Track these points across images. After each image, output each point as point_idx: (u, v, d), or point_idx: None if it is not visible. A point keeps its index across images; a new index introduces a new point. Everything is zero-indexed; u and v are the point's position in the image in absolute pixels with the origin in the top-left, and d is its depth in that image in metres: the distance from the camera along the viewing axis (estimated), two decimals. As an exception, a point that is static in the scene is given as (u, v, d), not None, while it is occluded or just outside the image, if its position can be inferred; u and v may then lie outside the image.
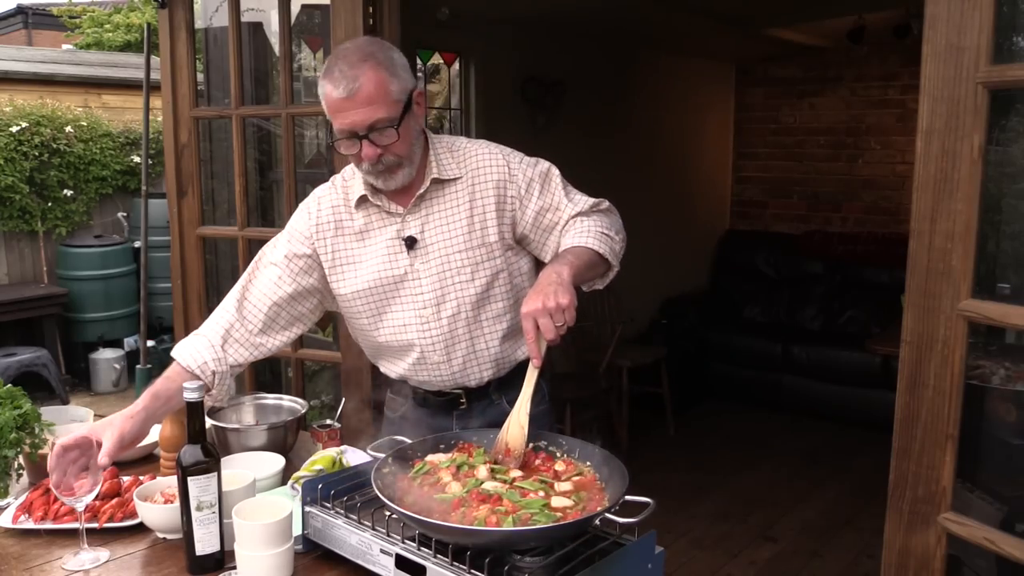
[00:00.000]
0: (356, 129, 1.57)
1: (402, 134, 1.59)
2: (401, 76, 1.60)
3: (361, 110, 1.56)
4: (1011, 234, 1.65)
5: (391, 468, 1.45)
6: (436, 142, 1.74)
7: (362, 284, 1.73)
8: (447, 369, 1.76)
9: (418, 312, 1.72)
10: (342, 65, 1.56)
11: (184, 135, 2.81)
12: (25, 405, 1.74)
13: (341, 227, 1.75)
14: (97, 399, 5.53)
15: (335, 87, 1.56)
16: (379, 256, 1.72)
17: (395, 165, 1.63)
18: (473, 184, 1.71)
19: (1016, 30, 1.47)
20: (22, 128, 5.47)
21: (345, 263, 1.75)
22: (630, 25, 4.96)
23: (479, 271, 1.70)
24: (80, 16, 10.67)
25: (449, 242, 1.69)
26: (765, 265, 6.30)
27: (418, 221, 1.70)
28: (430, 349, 1.74)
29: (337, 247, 1.75)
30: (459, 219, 1.70)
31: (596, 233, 1.66)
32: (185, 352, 1.71)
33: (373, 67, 1.56)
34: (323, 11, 3.06)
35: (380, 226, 1.73)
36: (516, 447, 1.46)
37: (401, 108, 1.59)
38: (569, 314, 1.44)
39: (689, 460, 4.73)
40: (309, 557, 1.45)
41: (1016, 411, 1.77)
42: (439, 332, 1.72)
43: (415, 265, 1.71)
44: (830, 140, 6.21)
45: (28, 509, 1.62)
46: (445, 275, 1.70)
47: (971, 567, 1.65)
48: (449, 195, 1.71)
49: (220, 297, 1.82)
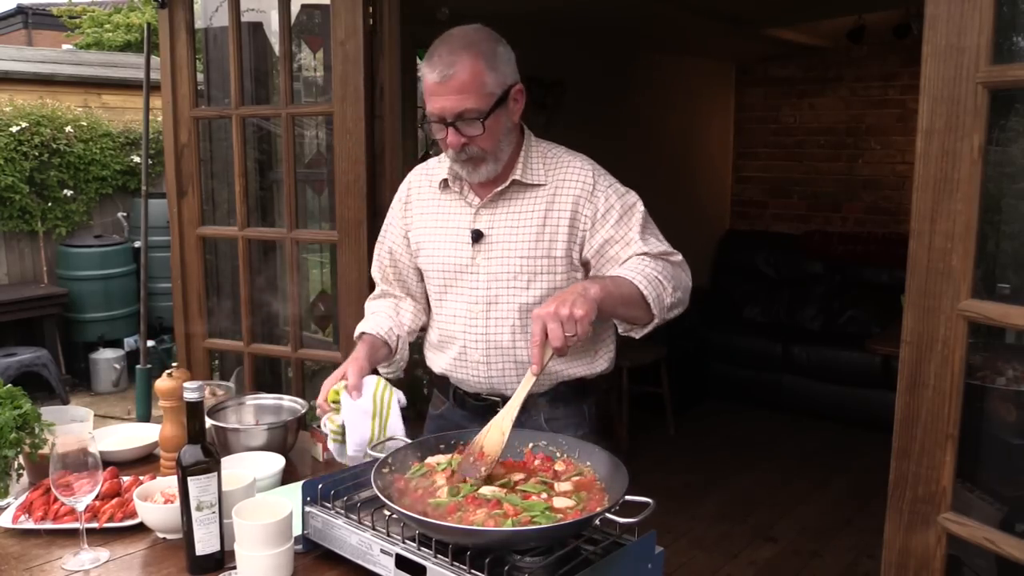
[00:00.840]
0: (444, 115, 1.58)
1: (489, 127, 1.58)
2: (501, 70, 1.59)
3: (451, 97, 1.55)
4: (1011, 234, 1.65)
5: (391, 468, 1.45)
6: (533, 145, 1.73)
7: (432, 264, 1.78)
8: (484, 372, 1.76)
9: (468, 306, 1.73)
10: (443, 50, 1.57)
11: (184, 135, 2.81)
12: (25, 405, 1.74)
13: (424, 206, 1.80)
14: (97, 399, 5.53)
15: (432, 70, 1.57)
16: (448, 241, 1.75)
17: (479, 158, 1.63)
18: (555, 194, 1.68)
19: (1016, 30, 1.47)
20: (22, 128, 5.47)
21: (423, 240, 1.80)
22: (630, 25, 4.95)
23: (536, 281, 1.68)
24: (80, 16, 10.68)
25: (514, 245, 1.68)
26: (765, 265, 6.30)
27: (490, 217, 1.71)
28: (472, 346, 1.74)
29: (419, 224, 1.80)
30: (530, 225, 1.68)
31: (650, 275, 1.58)
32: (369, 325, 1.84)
33: (472, 56, 1.56)
34: (323, 11, 3.06)
35: (455, 212, 1.75)
36: (491, 452, 1.42)
37: (493, 101, 1.58)
38: (581, 327, 1.39)
39: (689, 460, 4.73)
40: (309, 557, 1.45)
41: (1016, 411, 1.77)
42: (483, 332, 1.72)
43: (476, 259, 1.71)
44: (830, 140, 6.21)
45: (28, 509, 1.62)
46: (502, 277, 1.69)
47: (971, 567, 1.65)
48: (528, 199, 1.69)
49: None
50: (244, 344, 2.83)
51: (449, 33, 1.61)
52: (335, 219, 2.58)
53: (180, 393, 1.61)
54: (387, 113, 2.52)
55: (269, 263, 3.52)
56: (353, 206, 2.51)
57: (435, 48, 1.58)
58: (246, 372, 2.86)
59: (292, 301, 2.72)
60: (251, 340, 2.82)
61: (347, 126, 2.49)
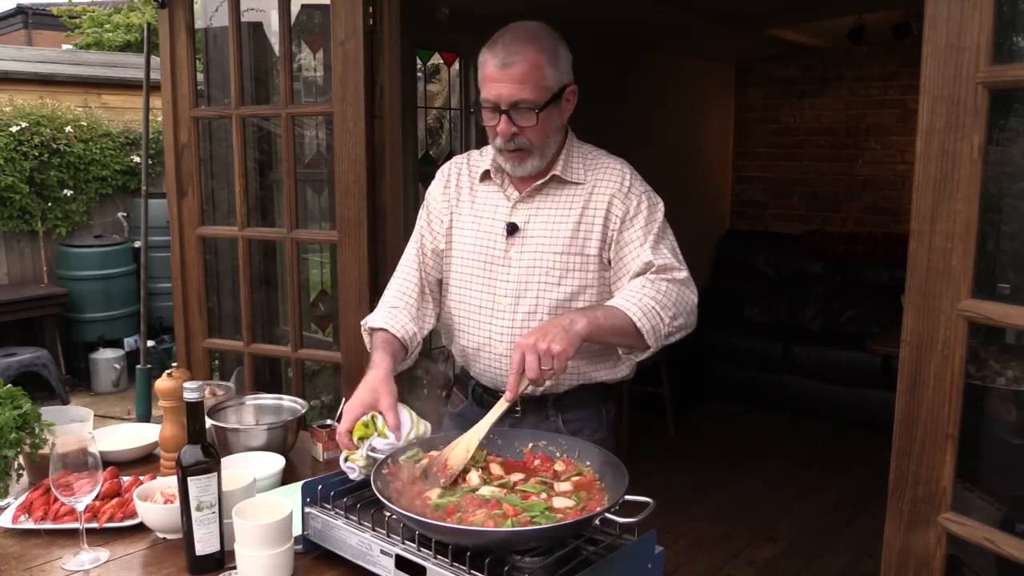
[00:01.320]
0: (500, 102, 1.60)
1: (541, 120, 1.61)
2: (560, 67, 1.64)
3: (510, 85, 1.59)
4: (1011, 234, 1.65)
5: (390, 469, 1.45)
6: (575, 145, 1.77)
7: (465, 252, 1.78)
8: (507, 364, 1.73)
9: (497, 298, 1.74)
10: (507, 39, 1.60)
11: (184, 135, 2.81)
12: (25, 405, 1.74)
13: (461, 194, 1.81)
14: (97, 399, 5.53)
15: (494, 56, 1.60)
16: (483, 232, 1.76)
17: (526, 150, 1.65)
18: (592, 192, 1.71)
19: (1016, 30, 1.47)
20: (22, 128, 5.47)
21: (458, 227, 1.80)
22: (630, 25, 4.95)
23: (567, 278, 1.70)
24: (80, 16, 10.67)
25: (549, 240, 1.70)
26: (765, 265, 6.30)
27: (527, 211, 1.72)
28: (497, 338, 1.75)
29: (456, 211, 1.81)
30: (566, 222, 1.70)
31: (646, 305, 1.58)
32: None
33: (536, 49, 1.60)
34: (323, 11, 3.06)
35: (492, 204, 1.77)
36: (453, 467, 1.43)
37: (548, 96, 1.62)
38: (558, 362, 1.43)
39: (689, 460, 4.73)
40: (309, 557, 1.46)
41: (1016, 411, 1.77)
42: (509, 325, 1.73)
43: (509, 252, 1.72)
44: (830, 140, 6.21)
45: (28, 509, 1.62)
46: (533, 271, 1.71)
47: (971, 567, 1.65)
48: (565, 196, 1.72)
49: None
50: (244, 344, 2.83)
51: (514, 24, 1.65)
52: (335, 219, 2.58)
53: (180, 393, 1.61)
54: (387, 113, 2.52)
55: (269, 263, 3.52)
56: (353, 206, 2.51)
57: (499, 36, 1.62)
58: (246, 372, 2.86)
59: (292, 301, 2.72)
60: (251, 340, 2.82)
61: (347, 126, 2.49)
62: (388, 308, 1.81)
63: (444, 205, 1.84)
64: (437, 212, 1.85)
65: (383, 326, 1.76)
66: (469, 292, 1.79)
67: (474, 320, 1.78)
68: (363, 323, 1.82)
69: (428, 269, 1.86)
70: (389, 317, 1.78)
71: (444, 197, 1.85)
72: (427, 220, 1.87)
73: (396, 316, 1.78)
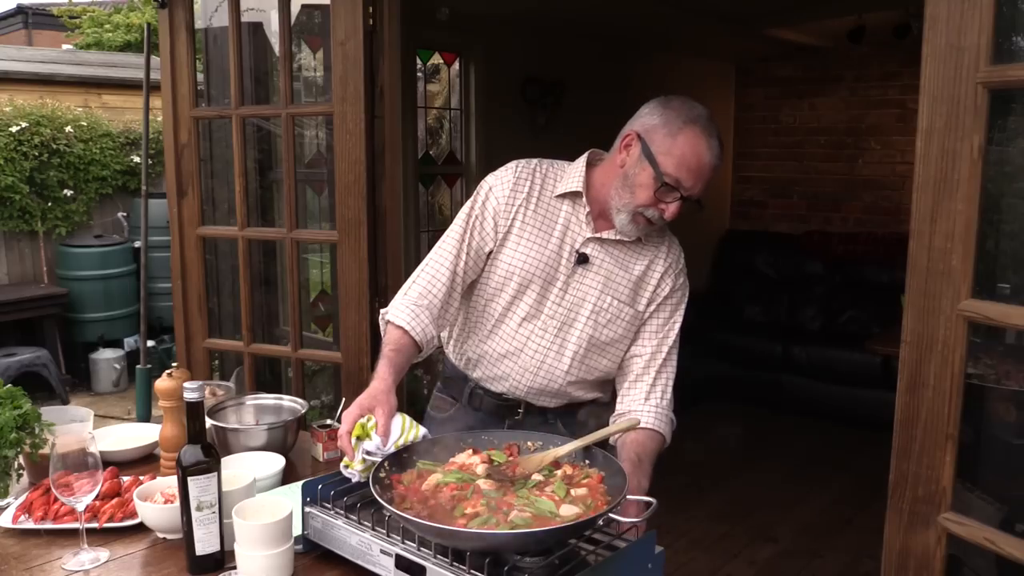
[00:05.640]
0: (692, 192, 1.64)
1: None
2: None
3: (705, 181, 1.65)
4: (1011, 234, 1.65)
5: (388, 471, 1.45)
6: None
7: (521, 262, 1.75)
8: (526, 380, 1.79)
9: (544, 318, 1.76)
10: (716, 133, 1.64)
11: (184, 135, 2.81)
12: (25, 405, 1.74)
13: (530, 203, 1.76)
14: (97, 399, 5.53)
15: (709, 150, 1.63)
16: (548, 250, 1.75)
17: (662, 225, 1.71)
18: (655, 256, 1.78)
19: (1016, 30, 1.47)
20: (22, 128, 5.46)
21: (518, 235, 1.75)
22: (630, 25, 4.96)
23: (615, 323, 1.77)
24: (80, 16, 10.66)
25: (611, 284, 1.75)
26: (765, 265, 6.30)
27: (600, 249, 1.75)
28: (529, 355, 1.78)
29: (521, 217, 1.75)
30: (631, 272, 1.76)
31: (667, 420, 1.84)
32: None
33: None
34: (323, 11, 3.06)
35: (564, 225, 1.76)
36: (523, 471, 1.45)
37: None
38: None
39: (689, 460, 4.72)
40: (309, 557, 1.46)
41: (1016, 411, 1.77)
42: (547, 346, 1.77)
43: (571, 279, 1.75)
44: (830, 140, 6.21)
45: (28, 509, 1.62)
46: (586, 305, 1.75)
47: (971, 567, 1.65)
48: (635, 250, 1.77)
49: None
50: (244, 344, 2.83)
51: (708, 112, 1.67)
52: (335, 219, 2.58)
53: (180, 393, 1.61)
54: (387, 113, 2.52)
55: (269, 263, 3.52)
56: (353, 206, 2.51)
57: (710, 124, 1.64)
58: (246, 372, 2.86)
59: (292, 301, 2.72)
60: (251, 340, 2.82)
61: (347, 126, 2.49)
62: (412, 306, 1.72)
63: (510, 208, 1.76)
64: (500, 212, 1.76)
65: (404, 326, 1.68)
66: (516, 300, 1.76)
67: (511, 328, 1.78)
68: (383, 312, 1.74)
69: (467, 268, 1.77)
70: (411, 318, 1.69)
71: (511, 200, 1.75)
72: (481, 218, 1.77)
73: (419, 317, 1.70)
